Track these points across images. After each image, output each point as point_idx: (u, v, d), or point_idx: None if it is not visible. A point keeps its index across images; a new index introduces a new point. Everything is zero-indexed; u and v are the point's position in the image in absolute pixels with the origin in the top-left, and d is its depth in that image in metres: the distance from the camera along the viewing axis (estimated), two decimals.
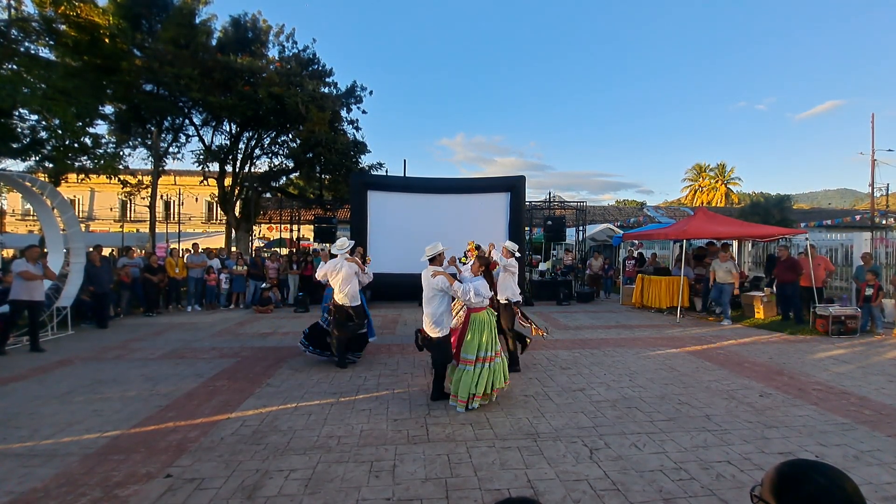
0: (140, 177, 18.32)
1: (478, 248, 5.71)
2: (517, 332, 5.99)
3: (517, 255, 6.06)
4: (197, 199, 34.39)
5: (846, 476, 0.99)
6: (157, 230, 16.23)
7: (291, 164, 19.41)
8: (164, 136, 17.79)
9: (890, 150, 32.90)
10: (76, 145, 12.81)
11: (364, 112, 19.67)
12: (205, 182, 21.07)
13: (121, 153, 15.55)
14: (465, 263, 5.73)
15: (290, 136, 18.92)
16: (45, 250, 8.85)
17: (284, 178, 21.08)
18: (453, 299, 5.02)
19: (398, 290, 11.74)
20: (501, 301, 5.84)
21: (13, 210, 32.44)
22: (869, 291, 8.28)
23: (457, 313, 5.27)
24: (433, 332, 4.75)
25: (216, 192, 19.95)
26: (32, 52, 12.68)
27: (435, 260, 4.92)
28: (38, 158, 12.79)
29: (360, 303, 6.23)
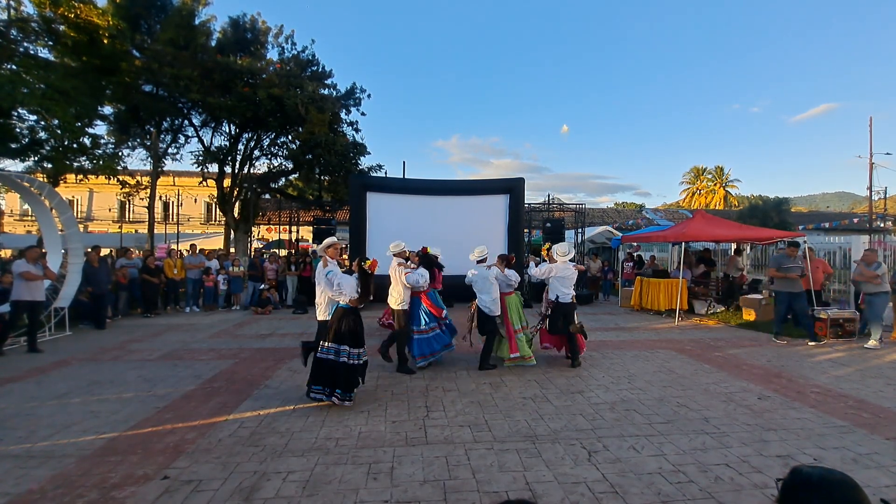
0: (139, 177, 18.31)
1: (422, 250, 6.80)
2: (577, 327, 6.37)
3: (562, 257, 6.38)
4: (196, 199, 34.36)
5: (849, 491, 1.00)
6: (155, 231, 16.21)
7: (290, 166, 19.41)
8: (163, 136, 17.79)
9: (888, 154, 33.05)
10: (75, 146, 12.80)
11: (363, 114, 19.72)
12: (204, 183, 21.07)
13: (120, 154, 15.58)
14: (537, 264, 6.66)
15: (290, 137, 18.93)
16: (44, 251, 8.83)
17: (283, 180, 21.07)
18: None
19: None
20: (569, 301, 6.33)
21: (11, 210, 32.38)
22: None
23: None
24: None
25: (215, 193, 19.94)
26: (31, 52, 12.67)
27: (483, 261, 6.26)
28: (36, 159, 12.76)
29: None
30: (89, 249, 9.63)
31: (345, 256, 5.70)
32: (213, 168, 19.08)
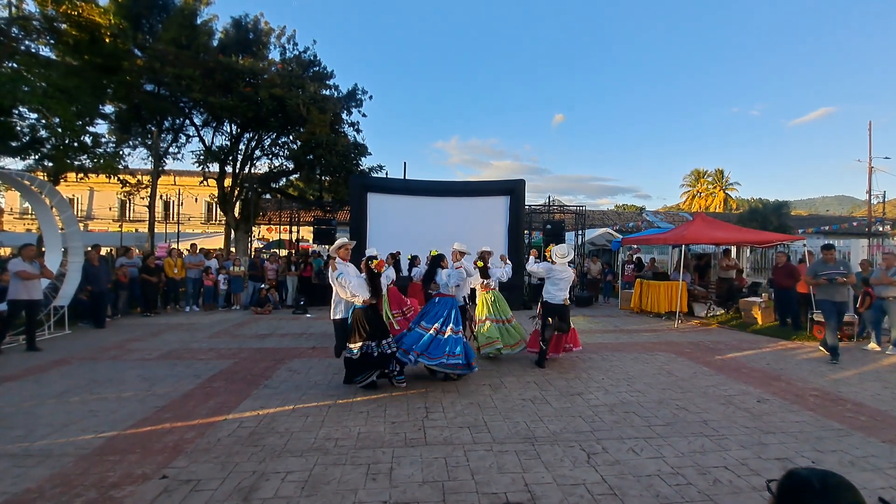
0: (139, 176, 18.30)
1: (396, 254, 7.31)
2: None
3: (559, 259, 6.34)
4: (196, 199, 34.37)
5: (850, 492, 1.01)
6: (156, 230, 16.19)
7: (291, 166, 19.39)
8: (164, 136, 17.78)
9: (887, 158, 33.11)
10: (76, 144, 12.78)
11: (364, 115, 19.68)
12: (204, 182, 21.04)
13: (120, 153, 15.53)
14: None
15: (291, 137, 18.92)
16: (43, 249, 8.83)
17: (284, 180, 21.05)
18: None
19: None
20: (559, 303, 6.29)
21: (11, 208, 32.37)
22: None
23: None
24: None
25: (216, 193, 19.92)
26: (33, 50, 12.69)
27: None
28: (37, 157, 12.77)
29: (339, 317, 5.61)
30: (89, 248, 9.64)
31: None
32: (214, 168, 19.07)
